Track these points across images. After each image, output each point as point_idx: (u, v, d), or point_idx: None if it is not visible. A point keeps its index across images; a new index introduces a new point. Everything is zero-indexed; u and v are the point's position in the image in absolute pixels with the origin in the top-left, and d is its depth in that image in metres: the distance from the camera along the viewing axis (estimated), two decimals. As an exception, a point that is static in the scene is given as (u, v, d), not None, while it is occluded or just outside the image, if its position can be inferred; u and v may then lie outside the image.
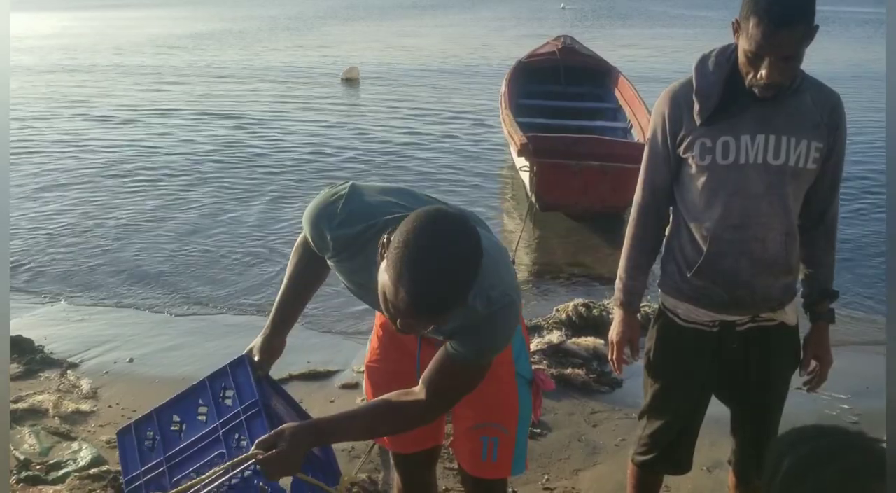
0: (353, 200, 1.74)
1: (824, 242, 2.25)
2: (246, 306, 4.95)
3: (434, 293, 1.43)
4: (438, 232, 1.46)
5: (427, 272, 1.42)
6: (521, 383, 1.98)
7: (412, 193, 1.83)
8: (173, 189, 7.31)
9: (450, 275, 1.44)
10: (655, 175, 2.22)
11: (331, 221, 1.74)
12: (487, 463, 1.98)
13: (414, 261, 1.43)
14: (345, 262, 1.76)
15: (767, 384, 2.25)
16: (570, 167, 6.24)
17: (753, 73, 1.98)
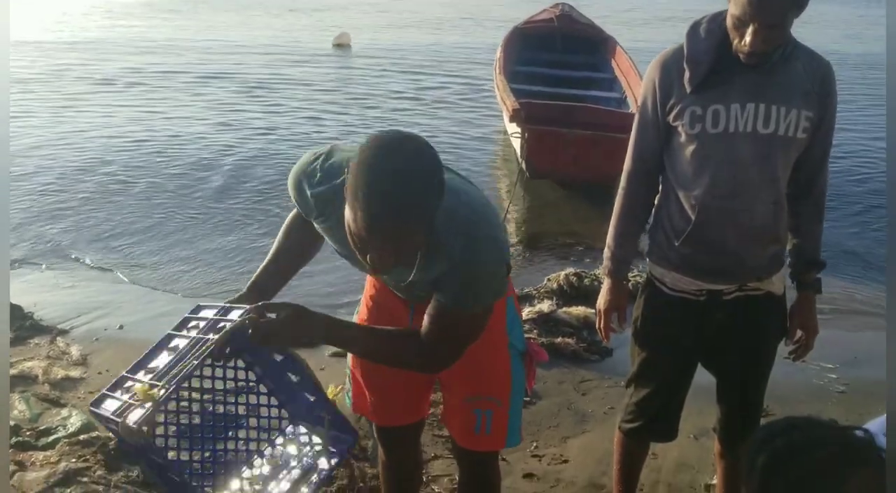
0: (331, 157, 1.73)
1: (812, 211, 2.24)
2: (239, 273, 4.94)
3: (389, 202, 1.41)
4: (390, 147, 1.46)
5: (381, 183, 1.41)
6: (514, 354, 1.96)
7: None
8: (168, 155, 7.24)
9: (404, 183, 1.42)
10: (645, 143, 2.21)
11: (311, 179, 1.73)
12: (481, 436, 1.97)
13: (367, 176, 1.42)
14: (329, 220, 1.74)
15: (753, 353, 2.27)
16: (562, 135, 6.20)
17: (739, 39, 1.97)
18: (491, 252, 1.63)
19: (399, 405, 2.07)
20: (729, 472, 2.46)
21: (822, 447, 1.35)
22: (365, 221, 1.42)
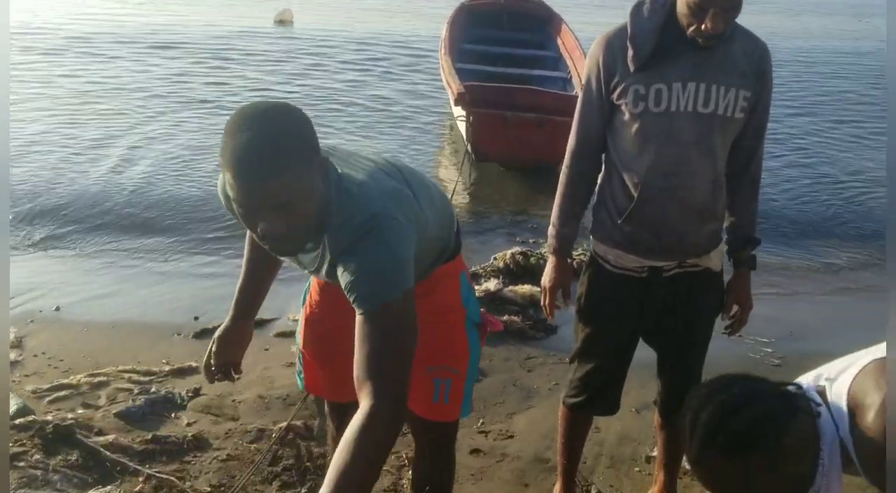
0: None
1: (749, 190, 2.30)
2: (181, 251, 4.85)
3: (258, 158, 1.38)
4: (253, 112, 1.44)
5: (246, 142, 1.39)
6: (470, 326, 1.97)
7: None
8: (109, 127, 7.02)
9: (269, 137, 1.40)
10: (589, 122, 2.23)
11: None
12: (440, 405, 1.98)
13: (232, 138, 1.40)
14: None
15: (692, 328, 2.33)
16: (505, 118, 6.24)
17: (697, 24, 2.00)
18: (391, 229, 1.52)
19: (351, 381, 2.05)
20: (669, 443, 2.53)
21: (763, 400, 1.40)
22: (238, 182, 1.40)
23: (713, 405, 1.42)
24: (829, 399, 1.49)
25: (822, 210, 6.20)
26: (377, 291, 1.48)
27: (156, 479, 2.65)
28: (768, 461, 1.39)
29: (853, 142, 7.98)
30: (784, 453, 1.39)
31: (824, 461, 1.43)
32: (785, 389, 1.48)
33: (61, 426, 2.81)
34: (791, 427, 1.40)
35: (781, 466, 1.40)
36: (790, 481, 1.43)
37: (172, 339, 3.72)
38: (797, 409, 1.44)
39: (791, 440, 1.39)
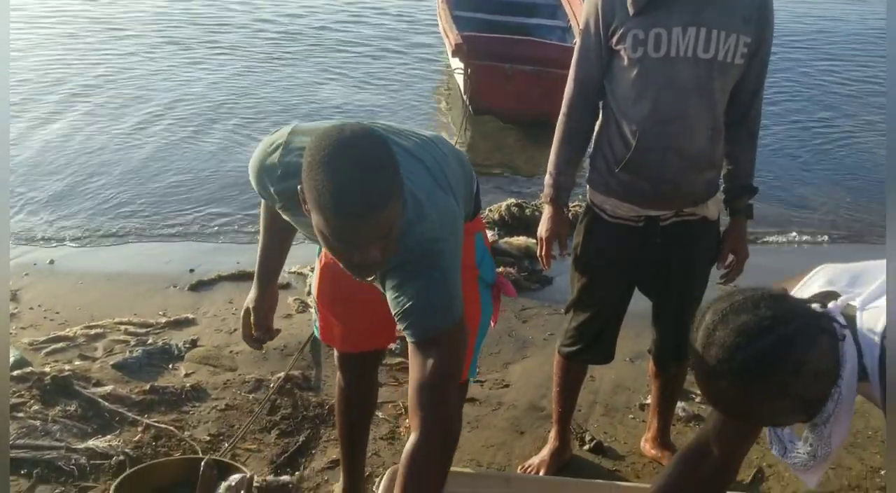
0: (290, 150, 1.61)
1: (747, 138, 2.28)
2: (173, 203, 4.83)
3: (363, 197, 1.34)
4: (340, 142, 1.37)
5: (346, 180, 1.34)
6: (483, 287, 1.94)
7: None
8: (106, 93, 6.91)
9: (371, 171, 1.35)
10: (587, 68, 2.20)
11: (272, 174, 1.63)
12: None
13: (329, 177, 1.34)
14: (296, 215, 1.65)
15: (688, 277, 2.33)
16: (504, 71, 6.15)
17: None
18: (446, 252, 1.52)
19: (365, 332, 2.05)
20: (662, 390, 2.56)
21: (787, 324, 1.31)
22: (340, 223, 1.36)
23: (734, 325, 1.31)
24: (857, 326, 1.37)
25: (818, 157, 6.19)
26: (432, 321, 1.48)
27: (154, 429, 2.67)
28: (783, 386, 1.31)
29: (848, 85, 7.91)
30: (802, 377, 1.30)
31: (841, 389, 1.36)
32: (809, 308, 1.37)
33: (59, 378, 2.83)
34: (812, 353, 1.31)
35: (795, 391, 1.32)
36: (801, 404, 1.35)
37: (168, 291, 3.72)
38: (822, 330, 1.34)
39: (810, 366, 1.31)
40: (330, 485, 2.46)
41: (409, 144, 1.69)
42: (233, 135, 5.93)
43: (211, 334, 3.32)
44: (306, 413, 2.82)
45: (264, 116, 6.32)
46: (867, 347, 1.36)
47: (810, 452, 1.46)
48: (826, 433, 1.42)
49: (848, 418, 1.40)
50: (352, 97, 7.03)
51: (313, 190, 1.36)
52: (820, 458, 1.46)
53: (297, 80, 7.38)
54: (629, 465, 2.66)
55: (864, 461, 2.65)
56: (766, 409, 1.36)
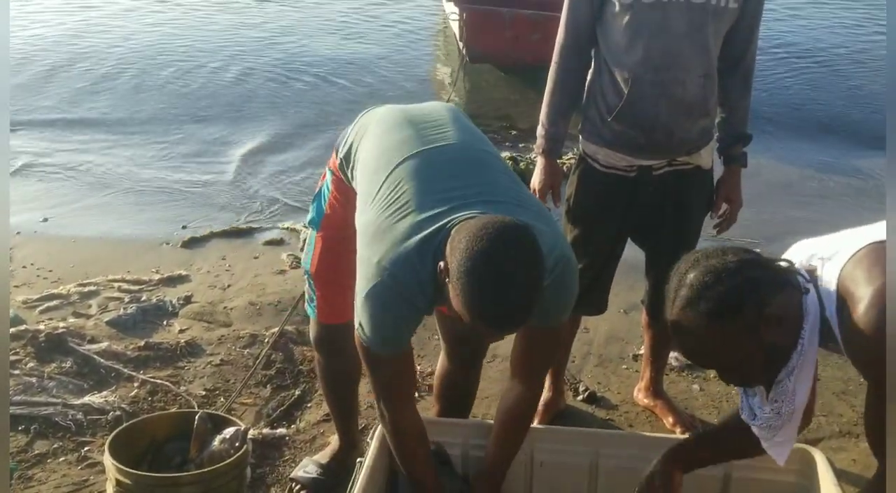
0: (399, 279, 1.55)
1: (741, 85, 2.25)
2: (163, 159, 4.80)
3: (516, 315, 1.43)
4: (500, 252, 1.40)
5: (505, 301, 1.40)
6: None
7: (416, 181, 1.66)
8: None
9: (526, 291, 1.41)
10: (578, 15, 2.16)
11: (409, 316, 1.62)
12: None
13: (487, 291, 1.39)
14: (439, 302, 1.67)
15: (681, 226, 2.32)
16: (501, 16, 6.01)
17: None
18: (568, 269, 1.66)
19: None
20: (655, 341, 2.57)
21: (753, 269, 1.40)
22: (484, 326, 1.44)
23: (703, 267, 1.41)
24: (819, 279, 1.47)
25: (814, 107, 6.13)
26: (560, 315, 1.72)
27: (150, 384, 2.68)
28: (747, 328, 1.39)
29: (847, 29, 7.82)
30: (765, 322, 1.39)
31: (804, 340, 1.44)
32: (775, 263, 1.46)
33: (53, 335, 2.83)
34: (776, 299, 1.39)
35: (761, 334, 1.40)
36: (767, 352, 1.43)
37: (161, 248, 3.71)
38: (786, 283, 1.43)
39: (774, 311, 1.39)
40: (325, 438, 2.48)
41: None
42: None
43: (204, 291, 3.32)
44: (301, 368, 2.84)
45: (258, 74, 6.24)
46: (826, 299, 1.43)
47: (774, 409, 1.52)
48: (790, 388, 1.48)
49: (810, 372, 1.47)
50: (345, 48, 6.94)
51: (464, 290, 1.41)
52: (784, 416, 1.51)
53: (291, 31, 7.27)
54: (622, 414, 2.68)
55: (854, 407, 2.68)
56: (731, 352, 1.42)
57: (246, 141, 5.12)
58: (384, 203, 1.64)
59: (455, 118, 1.84)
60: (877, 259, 1.41)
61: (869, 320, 1.36)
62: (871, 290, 1.37)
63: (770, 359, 1.45)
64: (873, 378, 1.43)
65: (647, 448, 1.89)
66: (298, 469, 2.32)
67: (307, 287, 2.09)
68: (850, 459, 2.47)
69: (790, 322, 1.42)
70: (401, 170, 1.67)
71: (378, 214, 1.63)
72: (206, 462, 2.06)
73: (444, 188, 1.63)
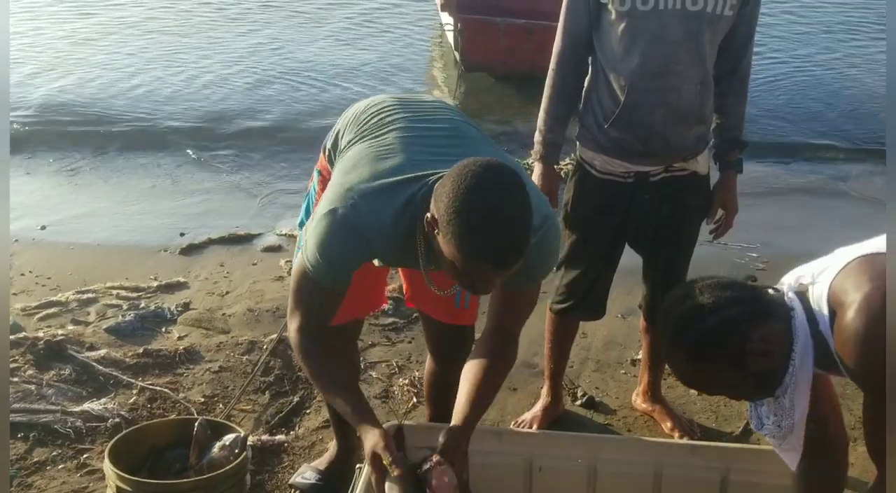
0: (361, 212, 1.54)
1: (737, 92, 2.27)
2: (161, 167, 4.80)
3: (518, 247, 1.42)
4: (487, 187, 1.40)
5: (502, 232, 1.39)
6: None
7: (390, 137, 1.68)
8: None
9: (522, 221, 1.42)
10: (575, 22, 2.17)
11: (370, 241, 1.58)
12: (461, 310, 2.02)
13: (479, 218, 1.39)
14: (402, 259, 1.68)
15: (677, 231, 2.33)
16: (495, 25, 6.06)
17: None
18: (553, 229, 1.64)
19: (361, 300, 1.99)
20: (653, 345, 2.58)
21: (729, 307, 1.45)
22: (478, 265, 1.42)
23: (682, 308, 1.48)
24: (810, 299, 1.50)
25: (809, 112, 6.17)
26: (542, 274, 1.70)
27: (149, 391, 2.68)
28: (732, 364, 1.46)
29: (844, 34, 7.86)
30: (748, 356, 1.44)
31: (794, 362, 1.47)
32: (759, 293, 1.51)
33: (52, 342, 2.83)
34: (758, 333, 1.44)
35: (747, 366, 1.46)
36: (758, 378, 1.48)
37: (159, 255, 3.71)
38: (767, 314, 1.48)
39: (757, 345, 1.44)
40: (324, 444, 2.48)
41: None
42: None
43: (203, 297, 3.33)
44: (300, 374, 2.83)
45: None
46: (819, 315, 1.47)
47: (775, 422, 1.56)
48: (787, 404, 1.53)
49: (806, 387, 1.51)
50: (343, 55, 6.96)
51: (455, 232, 1.40)
52: (785, 428, 1.56)
53: (287, 38, 7.30)
54: (620, 419, 2.69)
55: (852, 411, 2.67)
56: (723, 383, 1.52)
57: (243, 145, 5.13)
58: (370, 145, 1.66)
59: (445, 104, 1.88)
60: (866, 268, 1.43)
61: (857, 325, 1.38)
62: (860, 295, 1.39)
63: (761, 383, 1.51)
64: (868, 384, 1.44)
65: (645, 453, 1.90)
66: (297, 476, 2.32)
67: None
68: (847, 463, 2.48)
69: (777, 350, 1.47)
70: (390, 129, 1.70)
71: (361, 150, 1.66)
72: (205, 469, 2.07)
73: (432, 144, 1.67)
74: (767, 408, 1.58)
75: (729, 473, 1.90)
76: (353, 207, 1.55)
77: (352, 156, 1.68)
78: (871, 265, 1.44)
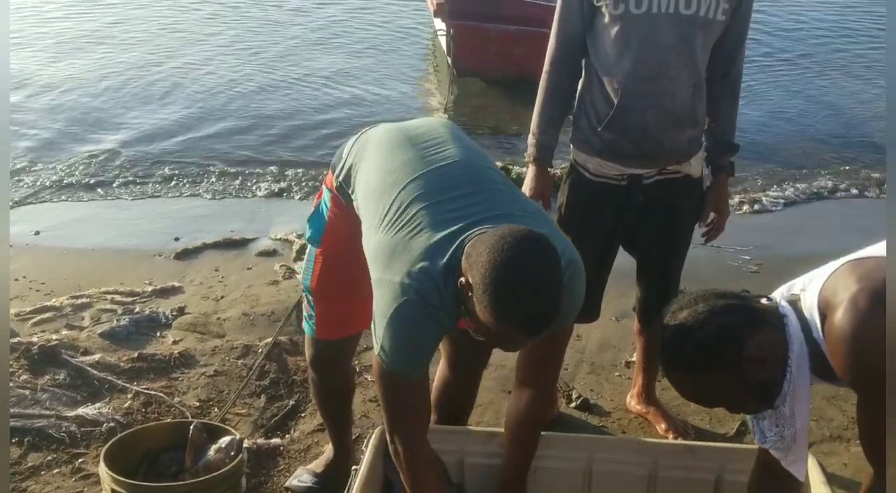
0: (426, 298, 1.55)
1: (729, 95, 2.29)
2: (154, 172, 4.80)
3: (549, 318, 1.45)
4: (522, 262, 1.42)
5: (536, 304, 1.42)
6: None
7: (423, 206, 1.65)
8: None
9: (554, 293, 1.44)
10: (569, 25, 2.19)
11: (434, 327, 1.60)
12: None
13: (516, 300, 1.41)
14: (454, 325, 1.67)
15: (670, 234, 2.35)
16: (487, 31, 6.12)
17: None
18: (578, 271, 1.67)
19: (360, 314, 1.95)
20: (648, 347, 2.58)
21: (723, 317, 1.46)
22: (512, 331, 1.45)
23: (677, 322, 1.48)
24: (802, 307, 1.51)
25: (799, 117, 6.21)
26: (570, 317, 1.72)
27: (144, 395, 2.68)
28: (729, 373, 1.46)
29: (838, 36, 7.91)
30: (745, 364, 1.45)
31: (792, 368, 1.48)
32: (752, 302, 1.52)
33: (47, 347, 2.83)
34: (753, 341, 1.45)
35: (744, 375, 1.46)
36: (755, 388, 1.49)
37: (154, 260, 3.71)
38: (762, 322, 1.48)
39: (753, 352, 1.45)
40: (320, 447, 2.48)
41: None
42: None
43: (198, 302, 3.32)
44: (295, 377, 2.84)
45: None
46: (811, 322, 1.48)
47: (777, 433, 1.57)
48: (787, 412, 1.53)
49: (805, 394, 1.52)
50: (339, 63, 6.98)
51: (491, 302, 1.42)
52: (788, 438, 1.56)
53: (286, 47, 7.31)
54: (615, 421, 2.70)
55: (845, 412, 2.70)
56: (722, 394, 1.51)
57: (239, 150, 5.14)
58: (395, 225, 1.64)
59: (453, 136, 1.85)
60: (853, 271, 1.45)
61: (845, 325, 1.39)
62: (847, 295, 1.41)
63: (761, 393, 1.51)
64: (860, 383, 1.45)
65: (640, 454, 1.91)
66: (293, 479, 2.32)
67: (306, 304, 2.08)
68: (841, 463, 2.49)
69: (773, 358, 1.48)
70: (407, 192, 1.68)
71: (391, 236, 1.64)
72: (201, 471, 2.07)
73: (453, 207, 1.64)
74: (769, 421, 1.59)
75: (723, 473, 1.91)
76: (418, 294, 1.55)
77: (383, 246, 1.64)
78: (859, 267, 1.45)
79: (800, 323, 1.49)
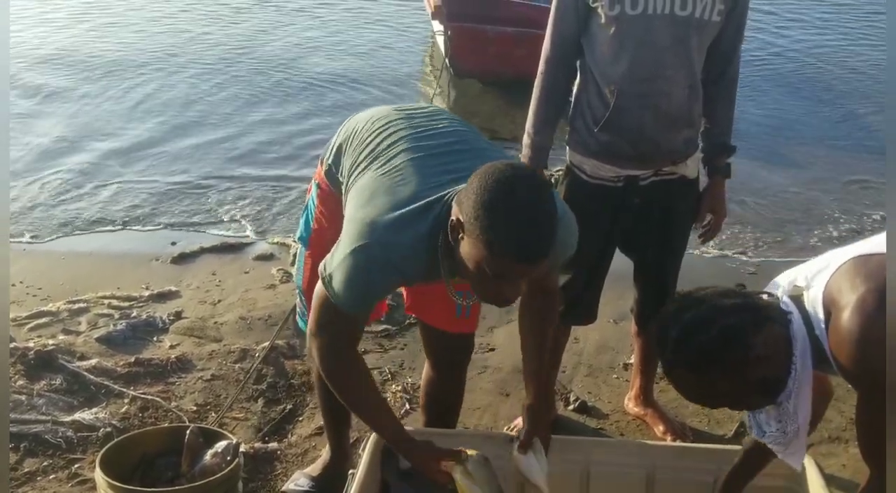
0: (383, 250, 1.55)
1: (725, 96, 2.29)
2: (152, 175, 4.80)
3: (543, 240, 1.43)
4: (509, 186, 1.41)
5: (523, 227, 1.40)
6: None
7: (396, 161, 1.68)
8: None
9: (546, 213, 1.43)
10: (564, 26, 2.18)
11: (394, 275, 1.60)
12: (461, 320, 2.03)
13: (505, 219, 1.39)
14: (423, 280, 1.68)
15: (667, 235, 2.34)
16: (485, 33, 6.13)
17: None
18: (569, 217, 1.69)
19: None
20: (645, 349, 2.58)
21: (728, 316, 1.44)
22: (507, 262, 1.42)
23: (681, 323, 1.46)
24: (805, 303, 1.50)
25: (794, 116, 6.22)
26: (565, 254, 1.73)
27: (141, 400, 2.67)
28: (734, 374, 1.45)
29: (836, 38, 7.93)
30: (751, 363, 1.44)
31: (796, 365, 1.47)
32: (755, 300, 1.50)
33: (43, 352, 2.82)
34: (758, 339, 1.44)
35: (750, 374, 1.45)
36: (760, 384, 1.48)
37: (151, 265, 3.71)
38: (766, 319, 1.47)
39: (757, 351, 1.43)
40: (317, 451, 2.48)
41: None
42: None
43: (195, 306, 3.32)
44: (292, 382, 2.84)
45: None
46: (814, 318, 1.47)
47: (779, 428, 1.56)
48: (790, 409, 1.52)
49: (808, 391, 1.51)
50: (334, 62, 6.98)
51: (484, 228, 1.40)
52: (790, 434, 1.56)
53: (281, 49, 7.32)
54: (613, 423, 2.69)
55: (843, 413, 2.69)
56: (726, 393, 1.49)
57: (236, 153, 5.14)
58: (382, 172, 1.65)
59: (445, 112, 1.89)
60: (860, 269, 1.44)
61: (853, 326, 1.38)
62: (855, 296, 1.39)
63: (764, 390, 1.49)
64: (863, 384, 1.45)
65: (638, 455, 1.90)
66: (290, 483, 2.31)
67: (299, 302, 2.09)
68: (839, 464, 2.49)
69: (777, 356, 1.46)
70: (398, 150, 1.70)
71: (375, 179, 1.65)
72: (197, 476, 2.06)
73: (443, 161, 1.66)
74: (767, 415, 1.58)
75: (722, 475, 1.90)
76: (380, 242, 1.55)
77: (365, 186, 1.66)
78: (865, 266, 1.44)
79: (802, 318, 1.48)
